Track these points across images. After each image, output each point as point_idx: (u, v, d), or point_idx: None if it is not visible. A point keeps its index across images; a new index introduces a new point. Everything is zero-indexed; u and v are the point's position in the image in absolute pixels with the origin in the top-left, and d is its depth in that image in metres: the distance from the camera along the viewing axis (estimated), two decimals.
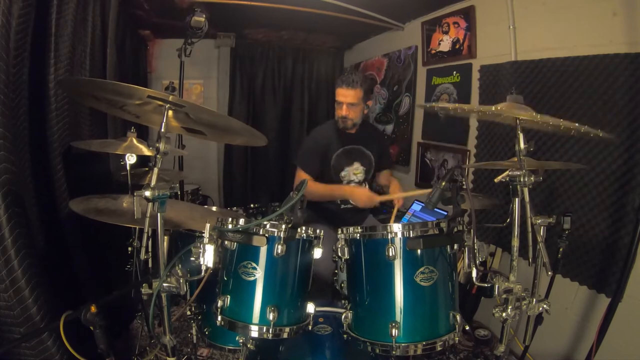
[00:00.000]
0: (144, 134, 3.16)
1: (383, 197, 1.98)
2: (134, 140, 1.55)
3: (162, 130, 0.98)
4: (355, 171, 2.12)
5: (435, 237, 1.04)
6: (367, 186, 2.17)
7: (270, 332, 1.01)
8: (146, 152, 1.51)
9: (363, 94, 1.98)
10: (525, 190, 1.03)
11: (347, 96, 1.96)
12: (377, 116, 3.44)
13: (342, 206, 2.14)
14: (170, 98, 0.93)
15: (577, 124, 0.98)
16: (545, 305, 1.05)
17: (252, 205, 3.30)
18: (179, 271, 0.99)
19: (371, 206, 2.01)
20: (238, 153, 3.97)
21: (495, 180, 1.16)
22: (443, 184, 1.06)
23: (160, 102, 0.97)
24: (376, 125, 3.42)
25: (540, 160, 1.60)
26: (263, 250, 1.03)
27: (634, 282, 1.36)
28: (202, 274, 1.01)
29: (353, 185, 2.09)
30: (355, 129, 2.11)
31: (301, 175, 2.02)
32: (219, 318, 1.04)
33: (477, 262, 1.01)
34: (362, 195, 1.94)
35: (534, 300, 1.04)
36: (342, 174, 2.10)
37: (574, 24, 1.73)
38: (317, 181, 2.00)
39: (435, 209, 1.60)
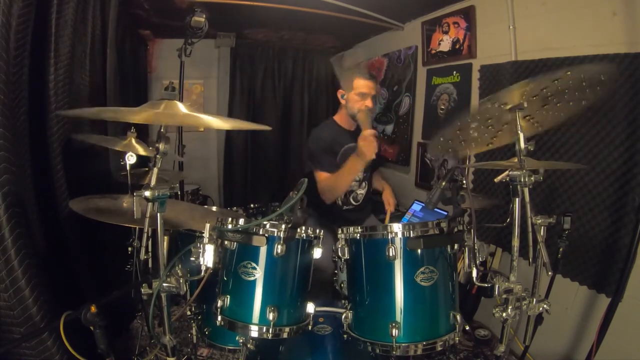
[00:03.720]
0: (143, 134, 3.16)
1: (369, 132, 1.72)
2: (133, 141, 1.55)
3: (162, 130, 0.98)
4: None
5: (436, 237, 1.04)
6: (366, 186, 2.16)
7: (270, 332, 1.01)
8: (143, 152, 1.51)
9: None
10: (526, 190, 1.03)
11: (372, 88, 1.97)
12: (377, 116, 3.44)
13: (345, 207, 2.14)
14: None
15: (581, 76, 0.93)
16: (545, 305, 1.05)
17: (252, 205, 3.30)
18: (178, 271, 0.99)
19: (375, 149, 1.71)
20: (238, 153, 3.97)
21: (496, 180, 1.16)
22: (443, 184, 1.06)
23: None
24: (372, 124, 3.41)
25: (540, 160, 1.59)
26: (263, 250, 1.03)
27: (634, 282, 1.36)
28: (202, 274, 1.01)
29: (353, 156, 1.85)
30: (355, 127, 2.11)
31: (321, 176, 1.94)
32: (219, 318, 1.04)
33: (477, 262, 1.02)
34: (364, 144, 1.69)
35: (534, 300, 1.04)
36: None
37: (574, 24, 1.73)
38: None
39: (435, 209, 1.60)
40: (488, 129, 1.15)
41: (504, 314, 1.04)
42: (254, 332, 1.02)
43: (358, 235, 1.10)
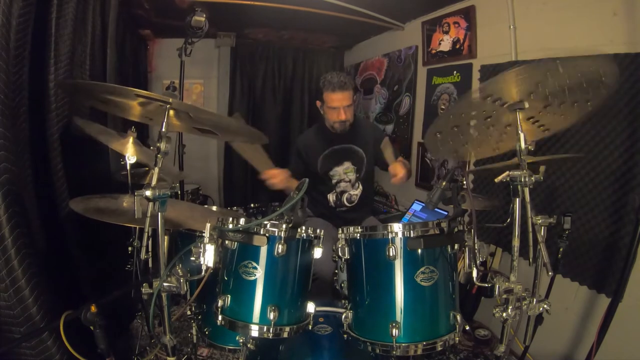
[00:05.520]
0: (144, 134, 3.16)
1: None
2: (131, 141, 1.55)
3: (163, 130, 0.99)
4: (345, 170, 2.13)
5: (436, 237, 1.04)
6: (360, 186, 2.16)
7: (271, 331, 1.01)
8: (142, 158, 1.51)
9: (353, 93, 2.01)
10: (526, 190, 1.03)
11: (342, 100, 1.95)
12: (377, 116, 3.44)
13: (338, 209, 2.14)
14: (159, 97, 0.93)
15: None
16: (545, 305, 1.05)
17: (252, 205, 3.30)
18: (179, 271, 0.99)
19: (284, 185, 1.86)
20: (238, 153, 3.96)
21: (496, 180, 1.16)
22: (443, 184, 1.06)
23: (160, 103, 0.98)
24: (372, 122, 3.39)
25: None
26: (263, 250, 1.02)
27: (634, 282, 1.36)
28: (203, 273, 1.01)
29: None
30: (347, 130, 2.11)
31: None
32: (220, 318, 1.04)
33: (478, 262, 1.01)
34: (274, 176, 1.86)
35: (534, 300, 1.04)
36: (331, 173, 2.12)
37: (574, 24, 1.73)
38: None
39: (436, 209, 1.60)
40: (489, 129, 1.14)
41: (504, 314, 1.03)
42: (255, 331, 1.02)
43: (358, 235, 1.10)
